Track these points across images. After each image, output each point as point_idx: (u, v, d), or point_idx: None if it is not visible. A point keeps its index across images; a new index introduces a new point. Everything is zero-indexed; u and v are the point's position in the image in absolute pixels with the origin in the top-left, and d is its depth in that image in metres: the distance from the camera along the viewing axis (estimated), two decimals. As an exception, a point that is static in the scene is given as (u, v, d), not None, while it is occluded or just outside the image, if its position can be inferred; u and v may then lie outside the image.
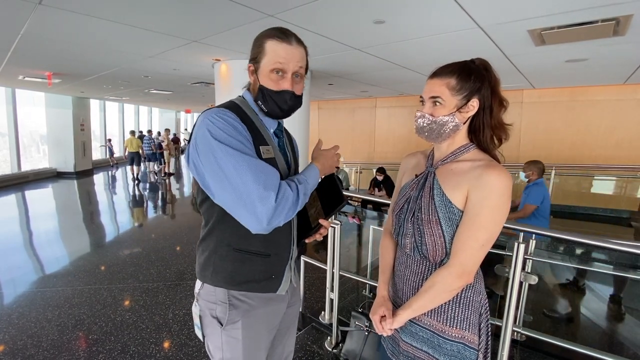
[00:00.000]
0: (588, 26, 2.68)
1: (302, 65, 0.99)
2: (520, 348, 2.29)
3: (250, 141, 0.92)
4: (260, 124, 1.02)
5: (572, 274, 3.59)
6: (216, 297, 1.02)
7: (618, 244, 1.56)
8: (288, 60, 0.95)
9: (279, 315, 1.12)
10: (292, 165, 1.10)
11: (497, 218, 0.88)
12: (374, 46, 3.62)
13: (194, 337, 2.43)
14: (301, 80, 1.01)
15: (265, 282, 1.04)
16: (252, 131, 0.96)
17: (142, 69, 5.31)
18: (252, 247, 1.01)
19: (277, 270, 1.06)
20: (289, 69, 0.96)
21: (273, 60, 0.95)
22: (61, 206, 7.04)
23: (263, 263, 1.03)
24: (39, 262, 3.97)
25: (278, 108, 0.99)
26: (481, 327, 0.97)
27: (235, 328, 1.01)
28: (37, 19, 2.87)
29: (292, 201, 0.89)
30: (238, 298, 1.02)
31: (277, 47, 0.95)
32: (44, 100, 9.90)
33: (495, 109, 0.94)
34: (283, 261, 1.07)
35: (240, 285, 1.02)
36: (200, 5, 2.57)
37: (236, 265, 1.01)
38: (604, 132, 6.15)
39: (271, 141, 1.02)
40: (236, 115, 0.95)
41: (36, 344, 2.34)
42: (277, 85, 0.97)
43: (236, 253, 1.01)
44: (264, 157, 0.94)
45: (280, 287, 1.07)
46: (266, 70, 0.96)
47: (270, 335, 1.10)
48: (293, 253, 1.10)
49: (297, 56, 0.97)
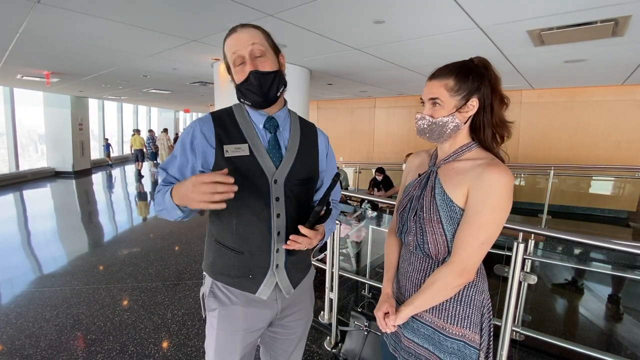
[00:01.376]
0: (587, 27, 2.68)
1: (254, 42, 0.97)
2: (519, 348, 2.30)
3: (202, 146, 0.99)
4: (247, 122, 1.04)
5: (571, 274, 3.60)
6: (207, 282, 1.11)
7: (616, 243, 1.57)
8: (239, 46, 0.97)
9: (260, 321, 1.09)
10: (286, 165, 1.03)
11: (498, 216, 0.88)
12: (373, 46, 3.62)
13: (192, 337, 2.43)
14: (265, 58, 0.98)
15: (242, 280, 1.05)
16: (226, 131, 1.01)
17: (141, 69, 5.30)
18: (228, 242, 1.05)
19: (255, 271, 1.04)
20: (244, 52, 0.96)
21: (230, 54, 0.99)
22: (59, 206, 7.02)
23: (237, 260, 1.04)
24: (37, 261, 3.95)
25: (253, 94, 0.98)
26: (483, 327, 0.97)
27: (213, 316, 1.07)
28: (35, 17, 2.85)
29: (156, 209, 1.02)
30: (220, 288, 1.07)
31: (229, 41, 1.00)
32: (42, 100, 9.86)
33: (496, 107, 0.94)
34: (260, 263, 1.04)
35: (218, 276, 1.07)
36: (200, 5, 2.56)
37: (215, 257, 1.08)
38: (603, 133, 6.17)
39: (254, 138, 1.02)
40: (212, 119, 1.02)
41: (34, 344, 2.33)
42: (243, 75, 0.98)
43: (217, 245, 1.07)
44: (227, 156, 0.98)
45: (260, 289, 1.05)
46: (233, 69, 1.00)
47: (247, 338, 1.08)
48: (275, 258, 1.04)
49: (245, 36, 0.97)
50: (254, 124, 1.04)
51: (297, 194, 1.06)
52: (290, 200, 1.04)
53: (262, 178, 1.00)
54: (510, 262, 1.63)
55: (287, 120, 1.10)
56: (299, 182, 1.06)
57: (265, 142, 1.03)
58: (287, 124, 1.09)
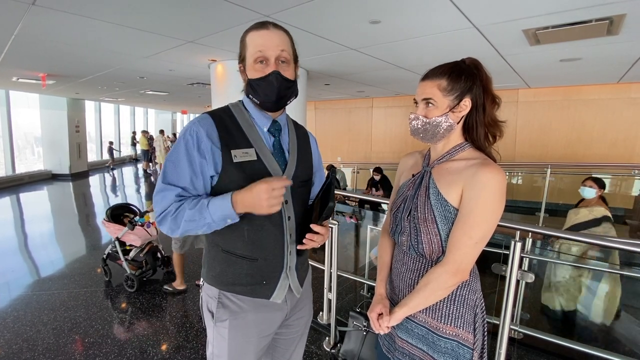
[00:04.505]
0: (582, 26, 2.70)
1: (284, 49, 0.95)
2: (518, 346, 2.30)
3: (211, 150, 0.94)
4: (250, 125, 1.01)
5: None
6: (211, 293, 1.05)
7: (613, 241, 1.58)
8: (267, 47, 0.94)
9: (272, 324, 1.08)
10: (290, 168, 1.04)
11: (491, 216, 0.89)
12: (369, 46, 3.62)
13: (191, 340, 2.42)
14: (288, 66, 0.97)
15: (255, 287, 1.02)
16: (230, 135, 0.97)
17: (138, 70, 5.28)
18: (238, 250, 1.00)
19: (269, 276, 1.03)
20: (270, 55, 0.94)
21: (254, 50, 0.95)
22: (56, 208, 6.98)
23: (250, 267, 1.01)
24: (34, 265, 3.93)
25: (267, 95, 0.96)
26: (476, 326, 0.97)
27: (224, 327, 1.03)
28: (30, 19, 2.84)
29: (168, 224, 0.94)
30: (229, 298, 1.03)
31: (255, 37, 0.96)
32: (38, 102, 9.81)
33: (487, 107, 0.96)
34: (275, 267, 1.04)
35: (228, 287, 1.02)
36: (196, 6, 2.56)
37: (224, 267, 1.02)
38: (599, 131, 6.20)
39: (259, 142, 1.00)
40: (214, 121, 0.97)
41: (32, 348, 2.31)
42: (261, 73, 0.95)
43: (224, 254, 1.02)
44: (236, 161, 0.95)
45: (274, 294, 1.04)
46: (251, 63, 0.97)
47: (260, 343, 1.07)
48: (288, 260, 1.05)
49: (275, 39, 0.95)
50: (257, 127, 1.02)
51: (301, 195, 1.08)
52: (297, 202, 1.06)
53: None
54: (508, 261, 1.63)
55: (286, 123, 1.11)
56: (302, 183, 1.08)
57: (269, 146, 1.02)
58: (286, 127, 1.11)
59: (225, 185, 0.95)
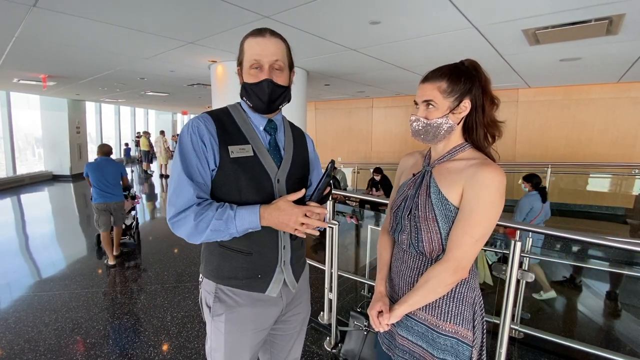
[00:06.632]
0: (581, 25, 2.70)
1: (278, 58, 1.00)
2: (518, 345, 2.31)
3: (211, 144, 0.98)
4: (247, 123, 1.05)
5: (569, 271, 3.61)
6: (209, 288, 1.08)
7: (614, 240, 1.58)
8: (262, 55, 0.99)
9: (268, 319, 1.10)
10: (286, 165, 1.07)
11: (491, 214, 0.91)
12: (369, 47, 3.63)
13: (192, 340, 2.43)
14: (282, 73, 1.02)
15: (250, 281, 1.05)
16: (227, 132, 1.01)
17: (138, 71, 5.29)
18: (234, 244, 1.03)
19: (264, 270, 1.06)
20: (265, 62, 0.99)
21: (250, 57, 1.00)
22: (57, 209, 6.99)
23: (245, 261, 1.04)
24: (35, 265, 3.94)
25: (259, 99, 1.01)
26: (475, 323, 0.98)
27: (220, 321, 1.06)
28: (31, 21, 2.85)
29: (188, 230, 0.94)
30: (225, 292, 1.06)
31: (253, 43, 1.00)
32: (38, 103, 9.83)
33: (487, 108, 0.97)
34: (269, 261, 1.06)
35: (224, 280, 1.05)
36: (196, 7, 2.56)
37: (220, 261, 1.06)
38: (599, 130, 6.20)
39: (256, 139, 1.04)
40: (212, 119, 1.01)
41: (33, 349, 2.32)
42: (255, 79, 1.00)
43: (221, 249, 1.05)
44: (232, 157, 0.98)
45: (269, 288, 1.06)
46: (247, 68, 1.01)
47: (256, 337, 1.09)
48: (282, 255, 1.08)
49: (271, 48, 0.99)
50: (254, 126, 1.06)
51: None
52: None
53: (266, 178, 1.02)
54: (508, 261, 1.64)
55: (282, 123, 1.15)
56: (297, 180, 1.10)
57: (265, 144, 1.06)
58: (282, 126, 1.14)
59: (222, 181, 0.99)
